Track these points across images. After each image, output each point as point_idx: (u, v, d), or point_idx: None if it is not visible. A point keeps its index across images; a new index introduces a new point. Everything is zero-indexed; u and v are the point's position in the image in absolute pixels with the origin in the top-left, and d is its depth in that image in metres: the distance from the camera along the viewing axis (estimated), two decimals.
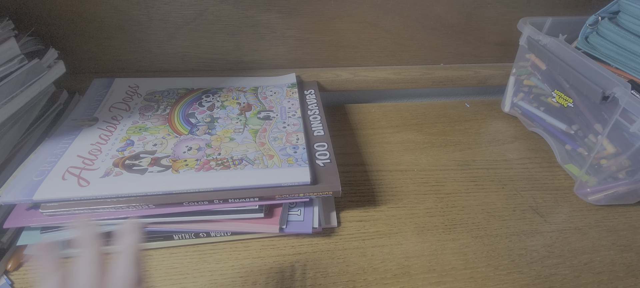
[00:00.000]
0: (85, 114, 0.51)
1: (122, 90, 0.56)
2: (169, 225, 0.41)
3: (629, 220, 0.49)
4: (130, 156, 0.44)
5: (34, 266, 0.33)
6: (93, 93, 0.55)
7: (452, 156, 0.58)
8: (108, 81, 0.58)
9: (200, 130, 0.49)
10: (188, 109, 0.53)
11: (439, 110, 0.68)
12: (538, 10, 0.66)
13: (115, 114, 0.51)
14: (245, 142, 0.47)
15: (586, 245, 0.46)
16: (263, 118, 0.52)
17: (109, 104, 0.53)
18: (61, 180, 0.40)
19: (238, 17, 0.59)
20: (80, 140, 0.45)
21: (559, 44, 0.52)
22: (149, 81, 0.59)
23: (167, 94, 0.56)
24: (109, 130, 0.48)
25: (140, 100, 0.54)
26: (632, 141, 0.45)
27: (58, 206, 0.38)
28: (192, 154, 0.44)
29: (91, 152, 0.44)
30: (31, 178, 0.40)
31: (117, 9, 0.56)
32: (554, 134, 0.59)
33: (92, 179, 0.40)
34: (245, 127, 0.49)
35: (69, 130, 0.47)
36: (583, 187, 0.52)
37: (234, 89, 0.58)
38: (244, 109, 0.53)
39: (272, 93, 0.58)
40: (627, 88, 0.43)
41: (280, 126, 0.50)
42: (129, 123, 0.49)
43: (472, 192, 0.52)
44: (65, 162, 0.42)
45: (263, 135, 0.48)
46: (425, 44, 0.68)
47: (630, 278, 0.42)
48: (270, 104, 0.55)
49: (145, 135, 0.47)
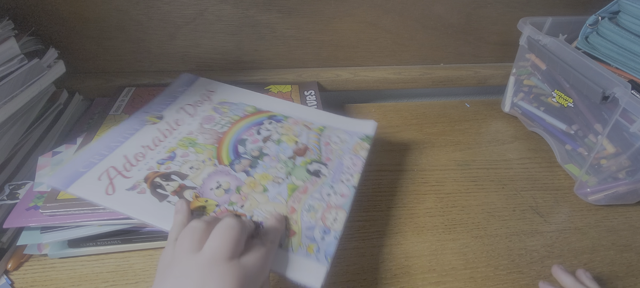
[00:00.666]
0: (156, 108, 0.50)
1: (198, 92, 0.54)
2: None
3: (629, 220, 0.49)
4: (163, 173, 0.41)
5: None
6: (174, 88, 0.54)
7: (452, 156, 0.58)
8: (193, 78, 0.57)
9: (241, 165, 0.43)
10: (244, 133, 0.47)
11: (439, 110, 0.68)
12: (538, 10, 0.66)
13: (181, 117, 0.49)
14: (276, 201, 0.39)
15: (586, 245, 0.46)
16: (312, 172, 0.43)
17: (181, 103, 0.52)
18: (97, 180, 0.39)
19: (238, 17, 0.59)
20: (136, 138, 0.45)
21: (559, 44, 0.52)
22: (227, 88, 0.56)
23: (235, 107, 0.52)
24: (164, 135, 0.46)
25: (208, 108, 0.51)
26: (632, 141, 0.45)
27: (58, 206, 0.38)
28: (217, 195, 0.39)
29: (136, 156, 0.42)
30: (78, 169, 0.40)
31: (117, 8, 0.56)
32: (554, 134, 0.59)
33: (119, 189, 0.38)
34: (287, 178, 0.42)
35: (135, 122, 0.47)
36: (583, 187, 0.52)
37: (300, 121, 0.50)
38: (298, 152, 0.45)
39: (338, 140, 0.48)
40: (627, 88, 0.43)
41: (325, 191, 0.41)
42: (185, 132, 0.47)
43: (472, 192, 0.52)
44: (111, 159, 0.41)
45: (301, 196, 0.40)
46: (425, 44, 0.68)
47: (630, 278, 0.42)
48: (329, 154, 0.46)
49: (190, 152, 0.44)
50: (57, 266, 0.40)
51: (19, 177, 0.44)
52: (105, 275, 0.39)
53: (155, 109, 0.50)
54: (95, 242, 0.40)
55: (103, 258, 0.41)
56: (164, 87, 0.59)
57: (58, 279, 0.39)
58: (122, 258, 0.41)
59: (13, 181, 0.43)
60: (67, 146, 0.47)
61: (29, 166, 0.46)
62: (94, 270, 0.40)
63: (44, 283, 0.38)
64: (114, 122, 0.50)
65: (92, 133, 0.48)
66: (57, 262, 0.40)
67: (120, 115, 0.52)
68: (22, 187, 0.42)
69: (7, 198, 0.41)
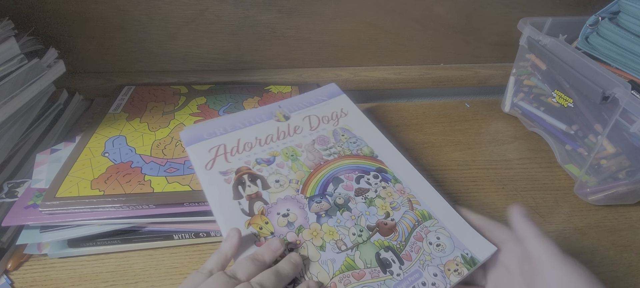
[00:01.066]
0: (290, 107, 0.51)
1: (333, 108, 0.52)
2: (169, 225, 0.41)
3: (629, 220, 0.49)
4: (252, 173, 0.41)
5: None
6: (316, 95, 0.54)
7: (452, 156, 0.58)
8: (337, 92, 0.55)
9: (318, 205, 0.39)
10: (344, 172, 0.43)
11: (439, 110, 0.68)
12: (538, 11, 0.66)
13: (303, 125, 0.48)
14: (323, 267, 0.34)
15: (586, 245, 0.46)
16: (380, 260, 0.35)
17: (312, 112, 0.51)
18: (208, 151, 0.43)
19: (238, 17, 0.59)
20: (256, 128, 0.47)
21: (559, 44, 0.52)
22: (358, 117, 0.51)
23: (353, 141, 0.47)
24: (278, 136, 0.46)
25: (329, 129, 0.49)
26: (632, 141, 0.45)
27: (57, 205, 0.38)
28: (279, 223, 0.37)
29: (246, 145, 0.45)
30: (203, 134, 0.45)
31: (117, 8, 0.56)
32: (554, 134, 0.59)
33: (216, 168, 0.41)
34: (351, 250, 0.36)
35: (265, 113, 0.49)
36: (583, 187, 0.52)
37: (408, 192, 0.42)
38: (382, 227, 0.38)
39: (435, 241, 0.37)
40: (627, 88, 0.43)
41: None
42: (295, 142, 0.46)
43: (472, 192, 0.52)
44: (227, 138, 0.45)
45: (351, 280, 0.34)
46: (425, 44, 0.68)
47: (630, 278, 0.42)
48: (414, 251, 0.36)
49: (287, 165, 0.43)
50: (57, 266, 0.40)
51: (18, 177, 0.44)
52: (105, 275, 0.39)
53: (288, 108, 0.51)
54: (95, 242, 0.40)
55: (103, 258, 0.41)
56: (164, 86, 0.60)
57: (58, 279, 0.39)
58: (122, 258, 0.41)
59: (12, 180, 0.43)
60: (66, 144, 0.47)
61: (29, 166, 0.46)
62: (94, 270, 0.40)
63: (44, 283, 0.38)
64: (113, 121, 0.50)
65: (91, 131, 0.48)
66: (57, 262, 0.40)
67: (119, 114, 0.52)
68: (21, 185, 0.42)
69: (6, 196, 0.41)
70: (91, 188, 0.40)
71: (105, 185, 0.40)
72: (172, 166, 0.44)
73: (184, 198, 0.40)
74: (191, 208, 0.40)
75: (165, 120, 0.51)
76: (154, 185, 0.41)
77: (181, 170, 0.43)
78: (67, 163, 0.43)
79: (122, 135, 0.48)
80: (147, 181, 0.41)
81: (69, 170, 0.42)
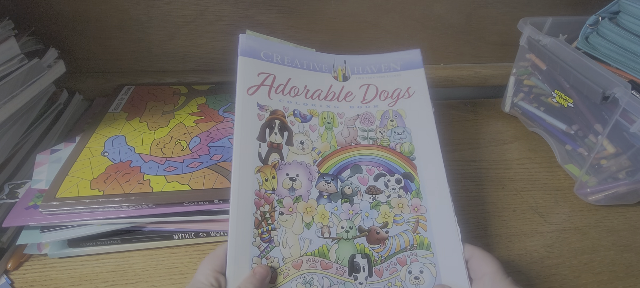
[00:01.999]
0: (355, 67, 0.46)
1: (407, 82, 0.46)
2: (169, 225, 0.41)
3: (629, 220, 0.49)
4: (284, 122, 0.40)
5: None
6: (390, 60, 0.47)
7: (452, 156, 0.58)
8: (416, 62, 0.47)
9: (325, 185, 0.38)
10: (367, 163, 0.40)
11: (439, 110, 0.68)
12: (538, 10, 0.66)
13: (357, 93, 0.45)
14: (299, 243, 0.35)
15: (586, 245, 0.46)
16: (352, 265, 0.35)
17: (375, 81, 0.46)
18: (256, 74, 0.41)
19: (238, 17, 0.59)
20: (312, 75, 0.44)
21: (559, 44, 0.52)
22: (420, 102, 0.44)
23: (397, 132, 0.43)
24: (326, 95, 0.44)
25: (382, 108, 0.44)
26: (632, 141, 0.45)
27: (57, 205, 0.38)
28: (283, 185, 0.37)
29: (293, 89, 0.42)
30: (261, 51, 0.43)
31: (117, 8, 0.56)
32: (554, 134, 0.59)
33: (254, 99, 0.40)
34: (332, 241, 0.36)
35: (324, 62, 0.46)
36: (583, 187, 0.52)
37: (422, 211, 0.38)
38: (372, 235, 0.37)
39: (419, 271, 0.35)
40: (627, 88, 0.43)
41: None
42: (337, 110, 0.43)
43: (472, 192, 0.52)
44: (280, 71, 0.42)
45: (317, 266, 0.34)
46: (425, 44, 0.68)
47: (630, 279, 0.42)
48: (389, 272, 0.35)
49: (319, 130, 0.41)
50: (57, 266, 0.40)
51: (18, 177, 0.44)
52: (105, 275, 0.39)
53: (353, 66, 0.46)
54: (95, 242, 0.40)
55: (103, 258, 0.41)
56: (164, 86, 0.60)
57: (58, 279, 0.39)
58: (122, 258, 0.41)
59: (13, 181, 0.43)
60: (66, 144, 0.47)
61: (29, 166, 0.46)
62: (94, 270, 0.40)
63: (44, 282, 0.38)
64: (113, 120, 0.50)
65: (91, 131, 0.48)
66: (57, 262, 0.40)
67: (118, 113, 0.52)
68: (22, 186, 0.42)
69: (7, 198, 0.41)
70: (91, 188, 0.40)
71: (104, 185, 0.40)
72: (171, 165, 0.44)
73: (184, 198, 0.40)
74: (191, 208, 0.40)
75: (165, 120, 0.51)
76: (153, 185, 0.41)
77: (180, 168, 0.43)
78: (67, 163, 0.43)
79: (121, 134, 0.48)
80: (147, 180, 0.41)
81: (69, 171, 0.42)
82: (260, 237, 0.34)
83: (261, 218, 0.35)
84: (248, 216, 0.35)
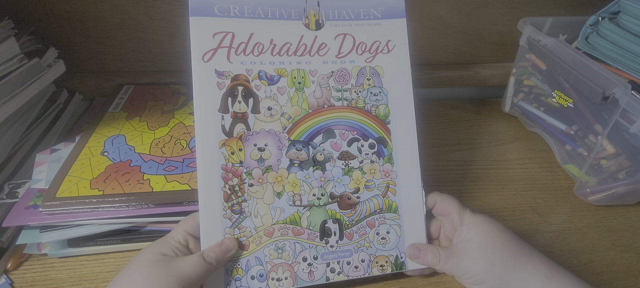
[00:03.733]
0: (329, 10, 0.40)
1: (387, 33, 0.41)
2: (168, 225, 0.41)
3: (628, 220, 0.49)
4: (248, 88, 0.37)
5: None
6: (377, 3, 0.42)
7: (452, 156, 0.58)
8: (401, 10, 0.42)
9: (296, 153, 0.37)
10: (341, 127, 0.39)
11: (439, 110, 0.68)
12: (538, 10, 0.66)
13: (331, 45, 0.39)
14: (271, 212, 0.36)
15: (586, 246, 0.46)
16: (323, 230, 0.36)
17: (352, 30, 0.40)
18: (211, 35, 0.36)
19: None
20: (279, 25, 0.38)
21: (559, 44, 0.52)
22: (401, 63, 0.42)
23: (376, 94, 0.40)
24: (296, 48, 0.38)
25: (362, 64, 0.40)
26: (632, 141, 0.45)
27: (57, 205, 0.38)
28: (251, 156, 0.36)
29: (257, 46, 0.37)
30: (214, 5, 0.37)
31: (117, 8, 0.56)
32: (554, 134, 0.59)
33: (211, 66, 0.36)
34: (304, 208, 0.36)
35: (297, 5, 0.39)
36: (583, 187, 0.52)
37: (392, 174, 0.39)
38: (344, 200, 0.37)
39: (386, 232, 0.38)
40: (627, 88, 0.43)
41: (310, 254, 0.36)
42: (309, 66, 0.39)
43: (472, 192, 0.52)
44: (240, 26, 0.37)
45: (288, 232, 0.36)
46: (425, 44, 0.68)
47: (630, 279, 0.42)
48: (359, 234, 0.38)
49: (288, 91, 0.38)
50: (57, 265, 0.40)
51: (18, 177, 0.44)
52: (105, 275, 0.39)
53: (328, 9, 0.39)
54: (95, 242, 0.40)
55: (103, 258, 0.41)
56: (164, 86, 0.60)
57: (58, 279, 0.39)
58: (122, 258, 0.41)
59: (12, 180, 0.43)
60: (65, 144, 0.47)
61: (29, 166, 0.46)
62: (94, 270, 0.40)
63: (44, 282, 0.38)
64: (112, 120, 0.50)
65: (91, 131, 0.48)
66: (57, 262, 0.40)
67: (118, 113, 0.52)
68: (22, 186, 0.42)
69: (7, 197, 0.41)
70: (90, 188, 0.40)
71: (104, 185, 0.40)
72: (171, 164, 0.44)
73: (183, 198, 0.40)
74: (191, 208, 0.40)
75: (165, 119, 0.51)
76: (153, 184, 0.40)
77: (180, 168, 0.43)
78: (67, 163, 0.43)
79: (121, 134, 0.48)
80: (146, 180, 0.41)
81: (68, 170, 0.42)
82: (231, 209, 0.35)
83: (230, 191, 0.35)
84: (216, 191, 0.35)
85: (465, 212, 0.38)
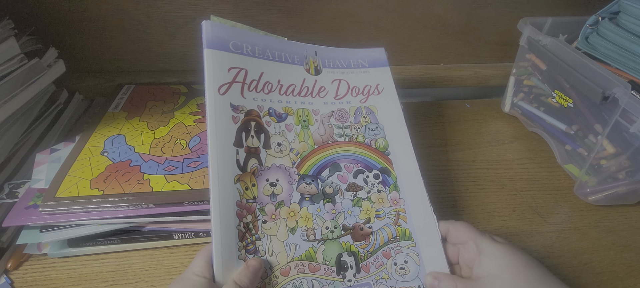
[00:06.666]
0: (326, 59, 0.45)
1: (376, 79, 0.46)
2: (168, 225, 0.41)
3: (628, 220, 0.49)
4: (260, 123, 0.38)
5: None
6: (361, 56, 0.48)
7: (452, 156, 0.58)
8: (383, 61, 0.49)
9: (306, 187, 0.37)
10: (346, 160, 0.40)
11: (439, 110, 0.68)
12: (538, 11, 0.66)
13: (329, 89, 0.43)
14: (286, 249, 0.35)
15: (586, 246, 0.46)
16: (339, 264, 0.35)
17: (346, 76, 0.45)
18: (226, 69, 0.38)
19: (238, 17, 0.59)
20: (284, 68, 0.41)
21: (559, 44, 0.52)
22: (391, 99, 0.46)
23: (371, 128, 0.43)
24: (300, 91, 0.42)
25: (354, 104, 0.44)
26: (632, 141, 0.45)
27: (57, 205, 0.38)
28: (264, 191, 0.36)
29: (267, 85, 0.40)
30: (229, 41, 0.39)
31: (117, 8, 0.56)
32: (554, 134, 0.59)
33: (227, 99, 0.37)
34: (318, 243, 0.36)
35: (297, 53, 0.44)
36: (583, 187, 0.52)
37: (400, 204, 0.40)
38: (356, 231, 0.37)
39: (404, 261, 0.37)
40: (627, 88, 0.43)
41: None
42: (312, 106, 0.42)
43: (472, 192, 0.52)
44: (252, 64, 0.39)
45: (305, 270, 0.34)
46: (425, 44, 0.68)
47: (630, 279, 0.42)
48: (375, 266, 0.36)
49: (295, 129, 0.39)
50: (57, 265, 0.40)
51: (18, 177, 0.44)
52: (105, 275, 0.39)
53: (324, 59, 0.44)
54: (95, 242, 0.40)
55: (103, 257, 0.41)
56: (164, 86, 0.60)
57: (58, 279, 0.39)
58: (122, 258, 0.41)
59: (12, 180, 0.43)
60: (65, 144, 0.47)
61: (29, 165, 0.46)
62: (94, 270, 0.40)
63: (44, 282, 0.38)
64: (112, 120, 0.50)
65: (91, 131, 0.48)
66: (57, 262, 0.40)
67: (118, 113, 0.52)
68: (22, 186, 0.42)
69: (7, 197, 0.41)
70: (90, 188, 0.40)
71: (104, 185, 0.40)
72: (171, 164, 0.44)
73: (183, 198, 0.40)
74: (191, 208, 0.40)
75: (165, 119, 0.51)
76: (153, 184, 0.40)
77: (180, 168, 0.43)
78: (66, 163, 0.43)
79: (121, 134, 0.48)
80: (146, 180, 0.41)
81: (68, 170, 0.42)
82: (246, 249, 0.33)
83: (245, 229, 0.33)
84: (231, 229, 0.33)
85: (483, 239, 0.35)
